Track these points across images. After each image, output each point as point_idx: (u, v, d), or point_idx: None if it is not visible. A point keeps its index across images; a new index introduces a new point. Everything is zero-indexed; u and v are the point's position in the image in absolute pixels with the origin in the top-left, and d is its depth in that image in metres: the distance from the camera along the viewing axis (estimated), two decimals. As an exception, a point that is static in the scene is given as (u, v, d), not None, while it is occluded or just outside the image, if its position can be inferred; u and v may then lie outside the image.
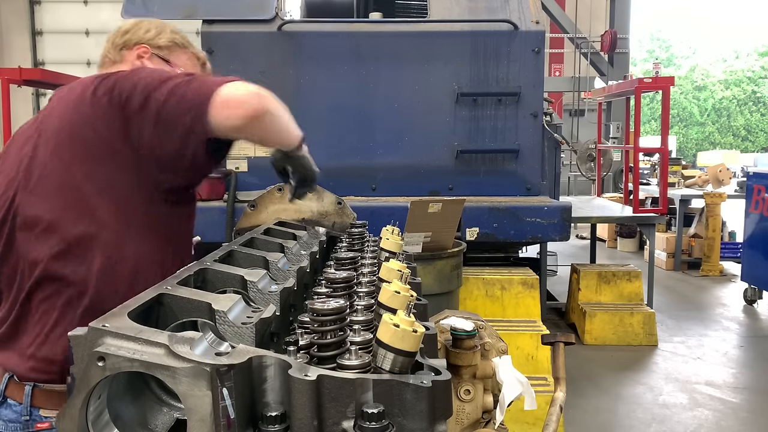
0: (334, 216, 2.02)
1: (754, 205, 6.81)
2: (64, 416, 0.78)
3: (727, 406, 4.39)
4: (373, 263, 1.38)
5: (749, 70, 35.28)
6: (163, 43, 1.72)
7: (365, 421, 0.74)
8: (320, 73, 4.56)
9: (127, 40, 1.70)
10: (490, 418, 1.57)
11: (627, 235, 10.45)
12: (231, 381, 0.75)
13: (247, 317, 0.98)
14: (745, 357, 5.46)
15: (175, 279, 1.09)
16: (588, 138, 9.81)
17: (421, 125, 4.61)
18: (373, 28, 4.69)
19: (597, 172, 8.84)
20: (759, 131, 33.70)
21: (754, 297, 6.99)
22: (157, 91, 1.34)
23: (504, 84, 4.59)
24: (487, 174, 4.66)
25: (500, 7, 4.66)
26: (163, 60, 1.71)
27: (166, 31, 1.75)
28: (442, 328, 1.56)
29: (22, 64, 7.49)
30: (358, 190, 4.54)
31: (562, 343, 1.77)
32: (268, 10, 4.54)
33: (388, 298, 0.98)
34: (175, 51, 1.75)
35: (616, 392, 4.62)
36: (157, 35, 1.72)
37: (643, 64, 34.65)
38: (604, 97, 9.10)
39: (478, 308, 4.28)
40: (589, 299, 5.85)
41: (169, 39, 1.73)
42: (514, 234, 4.39)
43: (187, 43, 1.80)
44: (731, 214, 9.25)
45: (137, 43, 1.69)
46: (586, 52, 11.72)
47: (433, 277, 3.38)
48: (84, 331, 0.81)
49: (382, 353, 0.81)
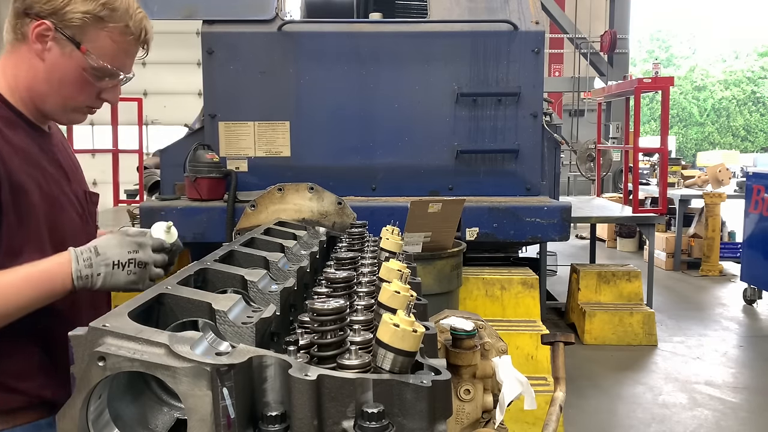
0: (334, 216, 2.02)
1: (754, 205, 6.81)
2: (64, 416, 0.78)
3: (727, 405, 4.39)
4: (373, 263, 1.38)
5: (749, 71, 35.30)
6: (76, 17, 1.31)
7: (365, 420, 0.74)
8: (320, 74, 4.56)
9: (28, 7, 1.32)
10: (490, 417, 1.57)
11: (627, 235, 10.45)
12: (231, 381, 0.75)
13: (247, 317, 0.98)
14: (744, 357, 5.46)
15: (175, 279, 1.09)
16: (588, 138, 9.82)
17: (421, 125, 4.61)
18: (373, 29, 4.69)
19: (597, 172, 8.85)
20: (758, 131, 33.72)
21: (753, 297, 7.00)
22: None
23: (504, 84, 4.59)
24: (487, 174, 4.66)
25: (500, 7, 4.66)
26: (72, 42, 1.33)
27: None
28: (442, 328, 1.56)
29: (21, 64, 7.49)
30: (358, 190, 4.55)
31: (562, 343, 1.77)
32: (268, 10, 4.54)
33: (388, 298, 0.98)
34: (90, 30, 1.34)
35: (616, 392, 4.62)
36: (68, 3, 1.31)
37: (642, 65, 34.67)
38: (603, 97, 9.11)
39: (478, 308, 4.28)
40: (589, 299, 5.85)
41: (83, 11, 1.31)
42: (513, 234, 4.39)
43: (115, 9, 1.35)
44: (731, 214, 9.26)
45: (38, 15, 1.31)
46: (586, 52, 11.73)
47: (433, 277, 3.38)
48: (84, 331, 0.81)
49: (382, 353, 0.81)
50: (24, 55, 1.36)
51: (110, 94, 1.46)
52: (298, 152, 4.56)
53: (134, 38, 1.41)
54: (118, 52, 1.39)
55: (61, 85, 1.38)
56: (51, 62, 1.35)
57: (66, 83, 1.38)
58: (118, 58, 1.40)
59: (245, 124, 4.53)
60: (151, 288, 1.02)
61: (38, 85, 1.37)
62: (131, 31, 1.39)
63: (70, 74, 1.37)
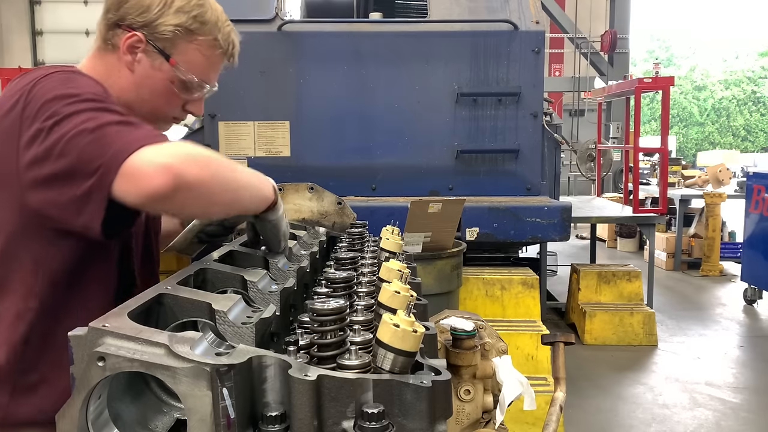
0: (334, 216, 2.02)
1: (754, 205, 6.81)
2: (63, 416, 0.78)
3: (727, 406, 4.39)
4: (373, 263, 1.38)
5: (749, 70, 35.30)
6: (167, 30, 1.33)
7: (365, 421, 0.74)
8: (320, 73, 4.56)
9: (121, 18, 1.34)
10: (490, 418, 1.57)
11: (627, 235, 10.45)
12: (231, 381, 0.75)
13: (247, 317, 0.98)
14: (745, 357, 5.46)
15: (175, 279, 1.09)
16: (588, 138, 9.82)
17: (421, 125, 4.61)
18: (373, 28, 4.69)
19: (597, 172, 8.85)
20: (759, 131, 33.71)
21: (754, 297, 6.99)
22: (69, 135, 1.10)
23: (504, 84, 4.59)
24: (487, 174, 4.66)
25: (500, 7, 4.66)
26: (162, 54, 1.35)
27: (173, 5, 1.33)
28: (442, 328, 1.56)
29: (22, 64, 7.49)
30: (358, 190, 4.55)
31: (562, 343, 1.77)
32: (268, 10, 4.55)
33: (388, 298, 0.98)
34: (179, 42, 1.35)
35: (616, 392, 4.62)
36: (160, 15, 1.33)
37: (643, 64, 34.64)
38: (604, 97, 9.11)
39: (478, 308, 4.28)
40: (589, 299, 5.85)
41: (175, 23, 1.33)
42: (514, 234, 4.39)
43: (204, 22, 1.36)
44: (731, 214, 9.26)
45: (130, 27, 1.33)
46: (586, 52, 11.73)
47: (433, 277, 3.38)
48: (84, 331, 0.81)
49: (382, 353, 0.81)
50: (113, 65, 1.37)
51: (195, 106, 1.48)
52: (298, 152, 4.56)
53: (222, 51, 1.42)
54: (205, 64, 1.40)
55: (149, 96, 1.39)
56: (140, 74, 1.36)
57: (154, 94, 1.39)
58: (205, 70, 1.41)
59: (245, 123, 4.53)
60: (151, 288, 1.02)
61: (126, 95, 1.37)
62: (219, 44, 1.41)
63: (158, 86, 1.38)
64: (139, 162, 1.05)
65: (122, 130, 1.10)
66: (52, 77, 1.22)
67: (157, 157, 1.05)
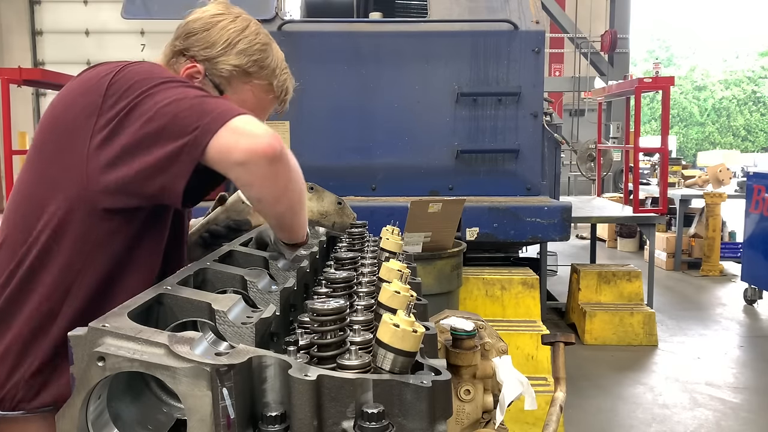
0: (334, 216, 2.01)
1: (754, 205, 6.81)
2: (63, 416, 0.78)
3: (727, 406, 4.39)
4: (373, 263, 1.38)
5: (749, 70, 35.27)
6: (225, 68, 1.37)
7: (365, 421, 0.74)
8: (320, 73, 4.56)
9: (186, 48, 1.39)
10: (490, 418, 1.57)
11: (627, 235, 10.44)
12: (231, 381, 0.75)
13: (247, 317, 0.98)
14: (745, 357, 5.46)
15: (175, 279, 1.09)
16: (588, 138, 9.80)
17: (421, 125, 4.61)
18: (373, 28, 4.69)
19: (597, 172, 8.84)
20: (759, 131, 33.69)
21: (754, 297, 6.99)
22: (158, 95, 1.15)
23: (504, 84, 4.59)
24: (487, 174, 4.66)
25: (500, 7, 4.66)
26: (217, 89, 1.37)
27: (237, 47, 1.36)
28: (442, 328, 1.56)
29: (22, 64, 7.48)
30: (358, 190, 4.55)
31: (562, 343, 1.77)
32: (268, 10, 4.54)
33: (388, 298, 0.98)
34: (235, 81, 1.39)
35: (617, 392, 4.61)
36: (222, 54, 1.36)
37: (643, 64, 34.62)
38: (604, 97, 9.10)
39: (478, 308, 4.27)
40: (589, 299, 5.85)
41: (234, 64, 1.37)
42: (514, 234, 4.39)
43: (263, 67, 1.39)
44: (731, 214, 9.25)
45: (193, 58, 1.37)
46: (586, 52, 11.72)
47: (433, 277, 3.38)
48: (84, 331, 0.81)
49: (382, 353, 0.81)
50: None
51: None
52: (298, 152, 4.49)
53: (274, 97, 1.45)
54: (256, 106, 1.42)
55: None
56: None
57: None
58: (255, 111, 1.39)
59: (245, 124, 4.53)
60: (151, 288, 1.02)
61: None
62: (273, 90, 1.44)
63: None
64: (246, 123, 1.11)
65: (221, 102, 1.16)
66: (142, 64, 1.27)
67: (262, 126, 1.12)
